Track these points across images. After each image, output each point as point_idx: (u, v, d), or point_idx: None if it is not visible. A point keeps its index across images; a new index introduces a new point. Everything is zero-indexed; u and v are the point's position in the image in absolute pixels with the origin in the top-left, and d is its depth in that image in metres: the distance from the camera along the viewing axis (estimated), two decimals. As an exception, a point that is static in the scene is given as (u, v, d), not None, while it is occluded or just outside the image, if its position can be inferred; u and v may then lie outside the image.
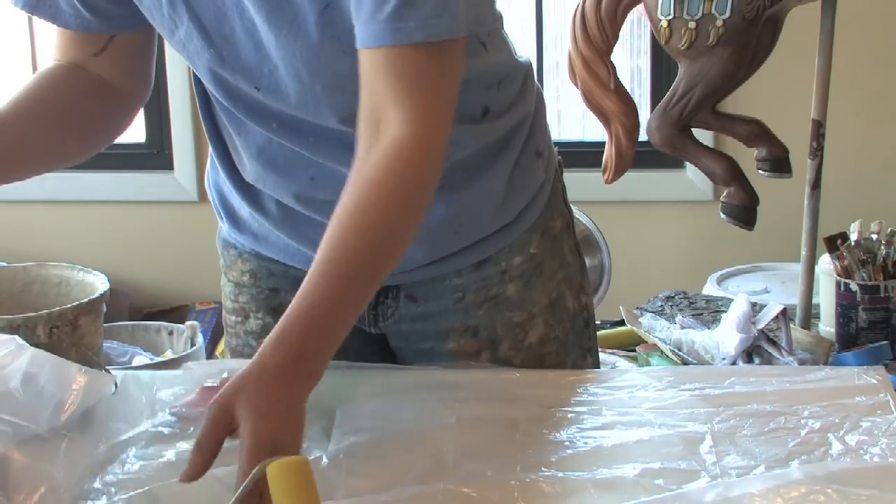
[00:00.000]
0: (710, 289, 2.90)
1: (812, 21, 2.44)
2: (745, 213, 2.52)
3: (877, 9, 3.29)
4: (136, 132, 3.69)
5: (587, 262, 1.67)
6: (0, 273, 1.59)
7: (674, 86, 2.50)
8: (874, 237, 2.42)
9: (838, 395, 1.37)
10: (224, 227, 1.61)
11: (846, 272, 2.39)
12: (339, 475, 1.21)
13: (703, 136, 2.75)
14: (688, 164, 2.81)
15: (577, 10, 2.56)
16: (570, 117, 3.62)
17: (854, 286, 2.36)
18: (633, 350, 2.57)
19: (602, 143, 2.65)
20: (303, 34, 1.33)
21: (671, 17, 2.42)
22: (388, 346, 1.60)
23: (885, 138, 3.37)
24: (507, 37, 1.51)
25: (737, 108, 2.69)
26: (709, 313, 2.51)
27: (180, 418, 1.36)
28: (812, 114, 2.45)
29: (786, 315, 2.19)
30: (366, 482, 1.21)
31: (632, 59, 3.53)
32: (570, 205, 1.62)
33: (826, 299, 2.59)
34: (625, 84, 2.60)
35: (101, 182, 3.65)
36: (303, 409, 1.18)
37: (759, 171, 2.52)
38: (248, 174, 1.50)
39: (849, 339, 2.38)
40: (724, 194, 2.55)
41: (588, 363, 1.61)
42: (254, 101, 1.41)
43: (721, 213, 2.55)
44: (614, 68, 2.56)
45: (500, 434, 1.31)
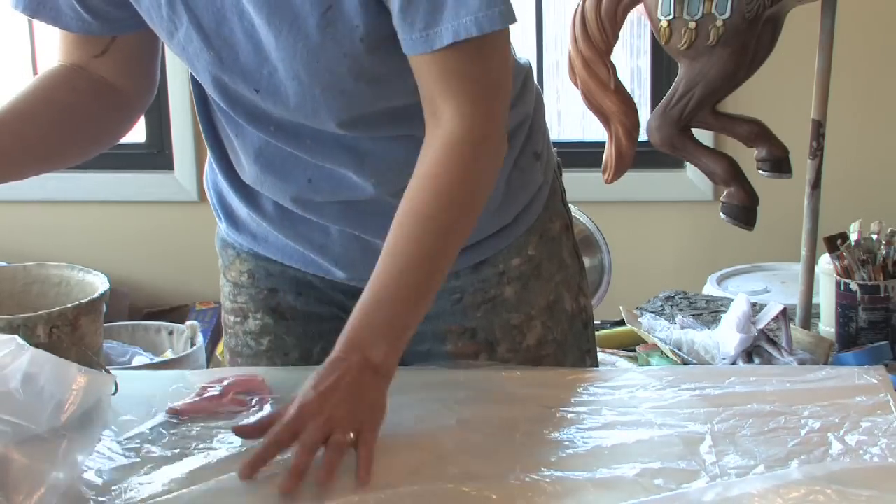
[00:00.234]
0: (710, 289, 2.90)
1: (812, 21, 2.44)
2: (745, 213, 2.52)
3: (877, 9, 3.28)
4: (136, 132, 3.67)
5: (587, 262, 1.67)
6: (0, 273, 1.59)
7: (674, 86, 2.50)
8: (874, 237, 2.42)
9: (838, 395, 1.37)
10: (222, 227, 1.61)
11: (846, 272, 2.39)
12: (338, 474, 1.21)
13: (703, 136, 2.75)
14: (688, 164, 2.81)
15: (577, 10, 2.56)
16: (570, 117, 3.62)
17: (854, 286, 2.36)
18: (633, 350, 2.57)
19: (602, 143, 2.65)
20: (303, 36, 1.33)
21: (671, 17, 2.42)
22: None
23: (885, 138, 3.37)
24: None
25: (737, 108, 2.69)
26: (709, 313, 2.51)
27: (179, 418, 1.36)
28: (812, 114, 2.45)
29: (786, 315, 2.19)
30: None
31: (632, 59, 3.53)
32: (570, 206, 1.62)
33: (826, 299, 2.59)
34: (625, 84, 2.60)
35: (101, 182, 3.65)
36: (370, 398, 1.25)
37: (759, 171, 2.52)
38: (247, 176, 1.50)
39: (849, 339, 2.38)
40: (724, 194, 2.55)
41: (587, 365, 1.61)
42: (252, 104, 1.41)
43: (721, 213, 2.55)
44: (614, 68, 2.57)
45: (500, 434, 1.31)
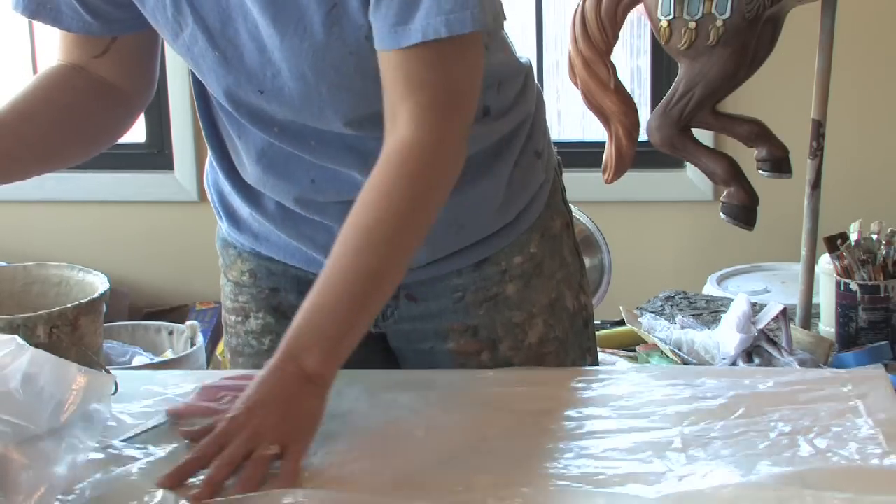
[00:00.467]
0: (710, 289, 2.90)
1: (812, 21, 2.44)
2: (745, 213, 2.52)
3: (877, 9, 3.28)
4: (136, 132, 3.68)
5: (587, 262, 1.67)
6: (0, 273, 1.59)
7: (674, 86, 2.50)
8: (874, 237, 2.42)
9: (809, 399, 1.37)
10: (223, 226, 1.61)
11: (846, 272, 2.39)
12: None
13: (703, 136, 2.75)
14: (688, 164, 2.81)
15: (577, 10, 2.56)
16: (570, 117, 3.62)
17: (854, 286, 2.36)
18: (633, 350, 2.57)
19: (602, 143, 2.65)
20: (309, 35, 1.33)
21: (671, 17, 2.42)
22: (388, 345, 1.60)
23: (885, 138, 3.37)
24: (508, 37, 1.51)
25: (737, 108, 2.69)
26: (709, 313, 2.51)
27: (179, 419, 1.36)
28: (812, 114, 2.45)
29: (786, 315, 2.19)
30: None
31: (632, 59, 3.53)
32: (570, 205, 1.62)
33: (826, 299, 2.59)
34: (625, 84, 2.60)
35: (101, 182, 3.65)
36: (302, 410, 1.23)
37: (759, 171, 2.52)
38: (249, 176, 1.50)
39: (849, 339, 2.38)
40: (724, 194, 2.55)
41: (587, 363, 1.61)
42: (256, 105, 1.41)
43: (721, 213, 2.55)
44: (614, 68, 2.57)
45: (470, 440, 1.30)
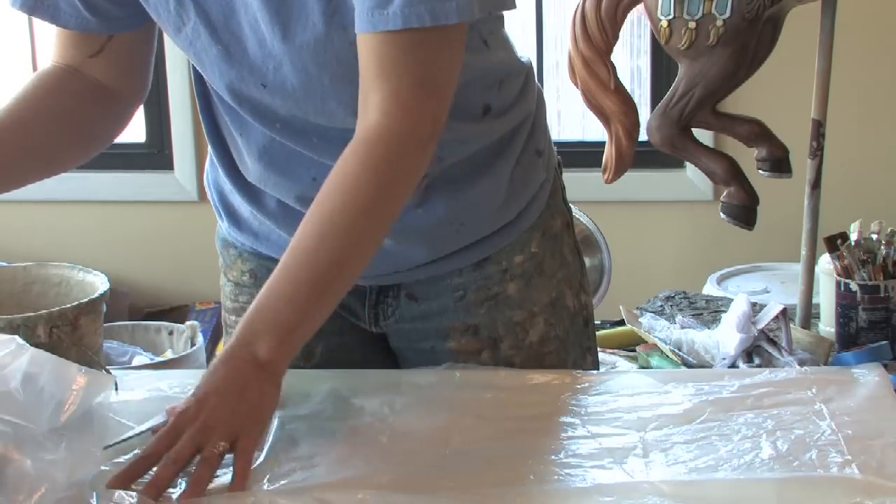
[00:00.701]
0: (710, 289, 2.90)
1: (812, 21, 2.44)
2: (745, 213, 2.52)
3: (877, 9, 3.29)
4: (136, 132, 3.69)
5: (587, 262, 1.67)
6: (0, 273, 1.59)
7: (674, 86, 2.50)
8: (874, 237, 2.42)
9: (774, 402, 1.37)
10: (224, 226, 1.61)
11: (846, 272, 2.38)
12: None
13: (703, 136, 2.74)
14: (688, 164, 2.81)
15: (577, 10, 2.56)
16: (570, 117, 3.62)
17: (854, 286, 2.36)
18: (633, 350, 2.57)
19: (602, 143, 2.65)
20: (310, 26, 1.33)
21: (671, 17, 2.42)
22: (388, 345, 1.60)
23: (885, 138, 3.37)
24: (509, 36, 1.52)
25: (737, 108, 2.68)
26: (709, 313, 2.50)
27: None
28: (812, 114, 2.45)
29: (786, 315, 2.19)
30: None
31: (632, 59, 3.53)
32: (570, 204, 1.62)
33: (826, 299, 2.59)
34: (625, 84, 2.60)
35: (101, 182, 3.65)
36: (253, 399, 1.21)
37: (759, 171, 2.52)
38: (250, 174, 1.50)
39: (849, 339, 2.38)
40: (724, 194, 2.54)
41: (588, 362, 1.61)
42: (258, 100, 1.41)
43: (721, 213, 2.55)
44: (614, 68, 2.56)
45: (432, 445, 1.30)
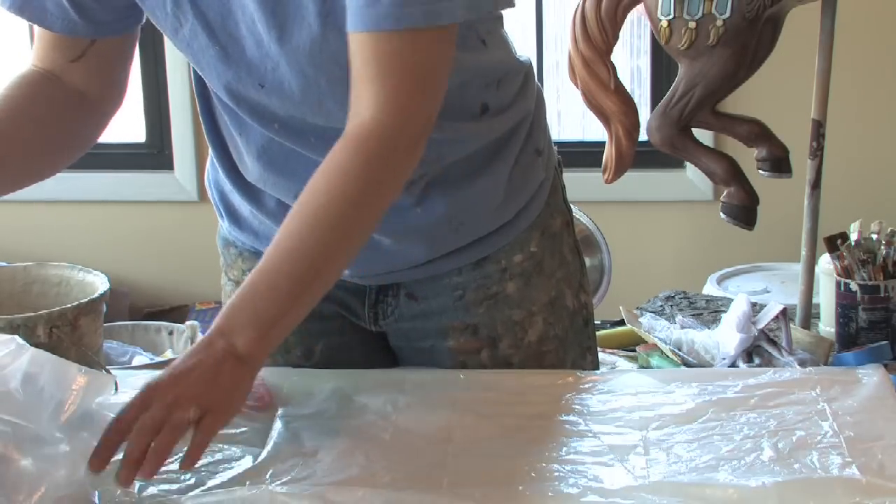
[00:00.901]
0: (710, 289, 2.90)
1: (812, 21, 2.44)
2: (745, 213, 2.52)
3: (877, 9, 3.29)
4: (136, 132, 3.69)
5: (587, 262, 1.67)
6: (0, 273, 1.59)
7: (674, 86, 2.50)
8: (874, 237, 2.42)
9: (778, 403, 1.37)
10: (224, 225, 1.61)
11: (846, 272, 2.38)
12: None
13: (703, 136, 2.74)
14: (688, 164, 2.81)
15: (577, 10, 2.56)
16: (570, 117, 3.62)
17: (854, 286, 2.36)
18: (633, 350, 2.57)
19: (602, 143, 2.65)
20: (306, 27, 1.33)
21: (671, 17, 2.42)
22: (388, 344, 1.60)
23: (885, 138, 3.37)
24: (508, 36, 1.51)
25: (737, 108, 2.68)
26: (709, 313, 2.50)
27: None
28: (812, 114, 2.45)
29: (786, 315, 2.19)
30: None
31: (632, 59, 3.53)
32: (570, 204, 1.62)
33: (826, 299, 2.58)
34: (625, 84, 2.60)
35: (101, 182, 3.65)
36: (227, 384, 1.21)
37: (759, 171, 2.52)
38: (250, 174, 1.50)
39: (849, 339, 2.38)
40: (724, 194, 2.54)
41: (587, 362, 1.61)
42: (256, 100, 1.41)
43: (721, 213, 2.55)
44: (614, 68, 2.56)
45: (435, 444, 1.30)
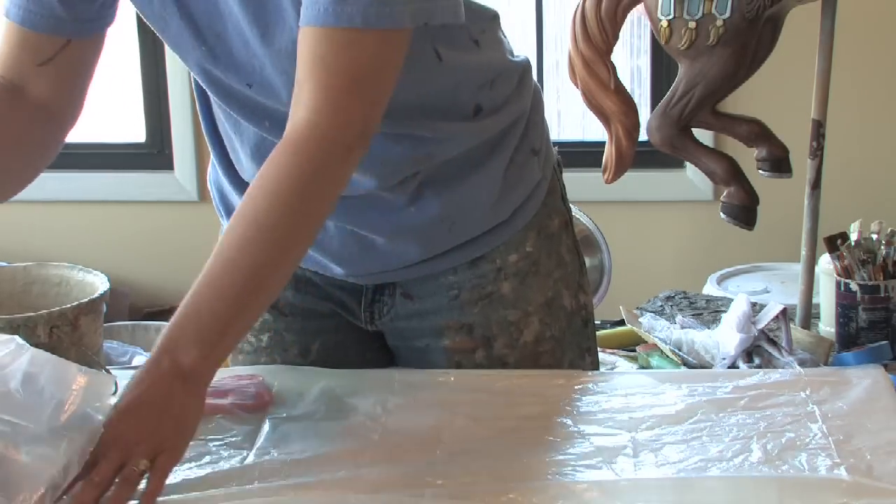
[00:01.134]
0: (710, 289, 2.90)
1: (812, 21, 2.44)
2: (745, 213, 2.52)
3: (877, 9, 3.28)
4: (136, 132, 3.69)
5: (587, 262, 1.67)
6: (0, 273, 1.59)
7: (674, 86, 2.50)
8: (874, 237, 2.42)
9: (768, 404, 1.37)
10: (225, 225, 1.61)
11: (846, 272, 2.38)
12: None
13: (703, 136, 2.75)
14: (688, 164, 2.81)
15: (577, 10, 2.56)
16: (570, 117, 3.62)
17: (854, 286, 2.36)
18: (633, 350, 2.57)
19: (602, 143, 2.65)
20: (287, 30, 1.33)
21: (671, 17, 2.42)
22: (385, 343, 1.60)
23: (885, 138, 3.37)
24: (504, 36, 1.51)
25: (737, 108, 2.68)
26: (709, 313, 2.50)
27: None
28: (812, 114, 2.45)
29: (786, 315, 2.19)
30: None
31: (632, 59, 3.53)
32: (570, 204, 1.62)
33: (826, 299, 2.59)
34: (625, 84, 2.60)
35: (101, 182, 3.65)
36: (177, 411, 1.21)
37: (759, 171, 2.52)
38: (246, 173, 1.50)
39: (849, 339, 2.38)
40: (724, 194, 2.55)
41: (586, 362, 1.60)
42: (245, 98, 1.41)
43: (721, 213, 2.55)
44: (614, 68, 2.56)
45: (424, 445, 1.30)
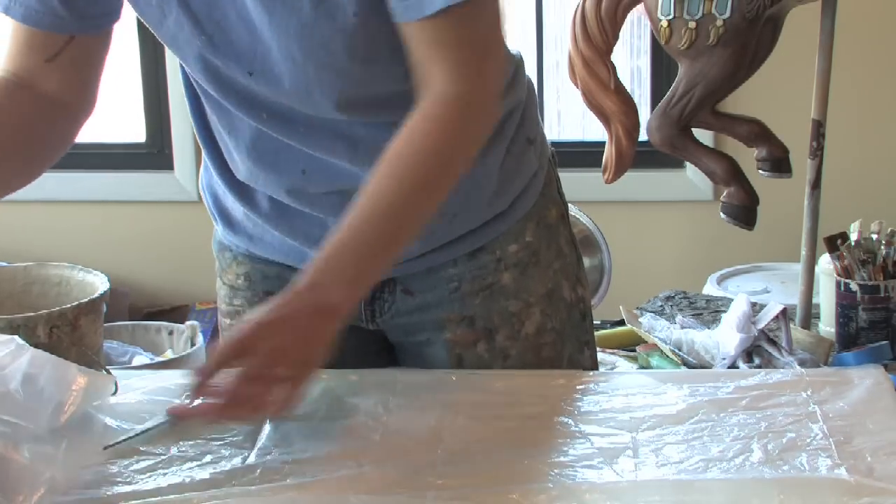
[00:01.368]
0: (710, 289, 2.90)
1: (812, 21, 2.44)
2: (745, 213, 2.52)
3: (877, 9, 3.29)
4: (136, 132, 3.69)
5: (587, 262, 1.67)
6: (0, 273, 1.59)
7: (674, 86, 2.50)
8: (874, 237, 2.42)
9: (769, 404, 1.36)
10: (219, 229, 1.61)
11: (846, 272, 2.39)
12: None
13: (703, 136, 2.75)
14: (688, 164, 2.81)
15: (577, 10, 2.56)
16: (570, 117, 3.62)
17: (854, 286, 2.36)
18: (633, 350, 2.57)
19: (602, 143, 2.65)
20: (296, 12, 1.33)
21: (671, 17, 2.42)
22: (386, 342, 1.60)
23: (885, 138, 3.37)
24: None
25: (737, 108, 2.69)
26: (709, 313, 2.50)
27: (179, 419, 1.36)
28: (812, 114, 2.45)
29: (786, 315, 2.19)
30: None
31: (632, 59, 3.53)
32: (570, 206, 1.62)
33: (826, 299, 2.59)
34: (625, 84, 2.60)
35: (101, 182, 3.65)
36: (315, 335, 1.27)
37: (759, 171, 2.52)
38: (241, 172, 1.50)
39: (849, 339, 2.38)
40: (724, 194, 2.55)
41: (585, 356, 1.60)
42: (244, 89, 1.41)
43: (721, 213, 2.55)
44: (614, 68, 2.57)
45: (425, 445, 1.30)
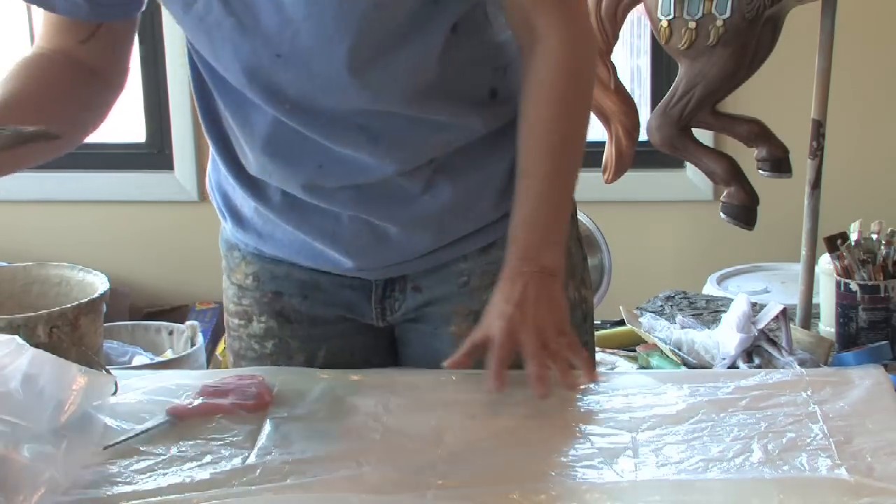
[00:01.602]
0: (710, 289, 2.90)
1: (812, 21, 2.44)
2: (745, 213, 2.52)
3: (877, 9, 3.28)
4: (136, 132, 3.69)
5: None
6: (0, 273, 1.59)
7: (674, 86, 2.50)
8: (874, 237, 2.42)
9: (769, 404, 1.37)
10: (227, 227, 1.61)
11: (846, 272, 2.38)
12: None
13: (703, 136, 2.75)
14: (688, 164, 2.81)
15: (577, 10, 2.56)
16: (570, 117, 3.61)
17: (854, 286, 2.36)
18: (633, 350, 2.57)
19: (602, 143, 2.65)
20: None
21: (671, 17, 2.42)
22: (392, 340, 1.60)
23: (885, 138, 3.37)
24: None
25: (737, 108, 2.68)
26: (709, 313, 2.50)
27: (179, 419, 1.36)
28: (812, 114, 2.45)
29: (786, 315, 2.19)
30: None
31: (632, 59, 3.53)
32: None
33: (826, 299, 2.59)
34: (625, 84, 2.60)
35: (101, 182, 3.65)
36: (555, 303, 1.43)
37: (759, 171, 2.52)
38: (252, 167, 1.49)
39: (849, 339, 2.38)
40: (724, 194, 2.55)
41: (587, 356, 1.60)
42: (270, 77, 1.41)
43: (721, 213, 2.55)
44: (614, 68, 2.56)
45: (425, 445, 1.30)
